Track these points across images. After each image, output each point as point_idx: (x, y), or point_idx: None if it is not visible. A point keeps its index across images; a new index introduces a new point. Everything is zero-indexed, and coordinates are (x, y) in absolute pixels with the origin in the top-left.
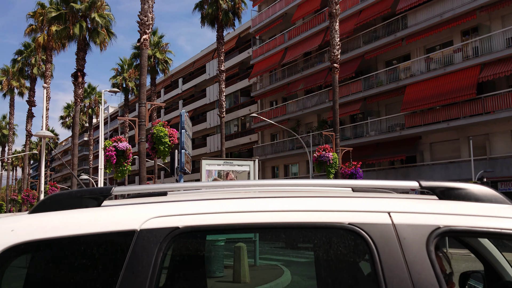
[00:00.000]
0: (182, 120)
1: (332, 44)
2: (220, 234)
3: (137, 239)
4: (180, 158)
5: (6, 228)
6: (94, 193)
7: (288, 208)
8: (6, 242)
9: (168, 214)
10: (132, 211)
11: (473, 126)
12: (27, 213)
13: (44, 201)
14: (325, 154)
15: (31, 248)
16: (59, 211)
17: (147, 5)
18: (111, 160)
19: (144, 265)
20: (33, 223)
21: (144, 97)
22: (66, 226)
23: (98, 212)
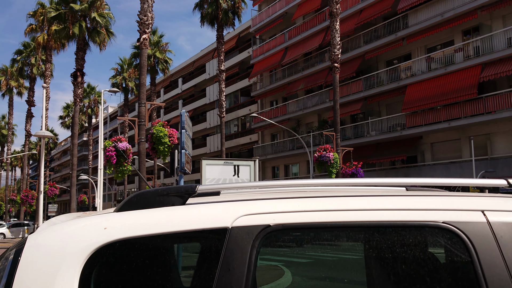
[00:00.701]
0: (182, 120)
1: (333, 43)
2: (310, 232)
3: (230, 236)
4: (180, 158)
5: (99, 226)
6: (180, 191)
7: (379, 207)
8: (100, 240)
9: (258, 212)
10: (222, 209)
11: (474, 126)
12: (112, 211)
13: (130, 199)
14: (326, 154)
15: (125, 246)
16: (147, 209)
17: (146, 5)
18: (111, 160)
19: (239, 262)
20: (124, 221)
21: (144, 97)
22: (158, 224)
23: (187, 210)
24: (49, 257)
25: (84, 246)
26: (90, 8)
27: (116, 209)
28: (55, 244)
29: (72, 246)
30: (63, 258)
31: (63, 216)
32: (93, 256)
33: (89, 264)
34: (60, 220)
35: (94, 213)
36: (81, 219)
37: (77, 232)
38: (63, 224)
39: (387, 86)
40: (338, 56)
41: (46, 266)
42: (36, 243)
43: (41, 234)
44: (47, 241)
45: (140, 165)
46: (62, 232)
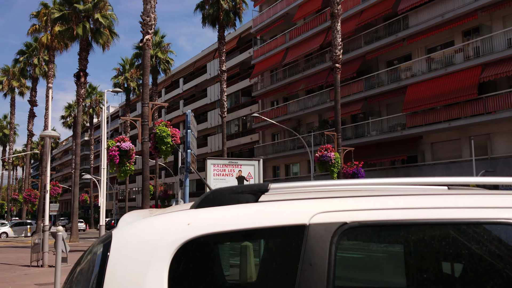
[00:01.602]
0: (188, 120)
1: (334, 44)
2: (385, 230)
3: (309, 233)
4: (186, 158)
5: (182, 222)
6: (253, 189)
7: (454, 205)
8: (186, 235)
9: (334, 209)
10: (299, 206)
11: (474, 126)
12: (188, 208)
13: (207, 197)
14: (327, 154)
15: (209, 241)
16: (224, 206)
17: (149, 6)
18: (114, 160)
19: (320, 257)
20: (206, 218)
21: (147, 97)
22: (238, 220)
23: (264, 207)
24: (138, 252)
25: (171, 241)
26: (93, 9)
27: (194, 206)
28: (142, 240)
29: (159, 242)
30: (152, 253)
31: (131, 213)
32: (180, 251)
33: (176, 258)
34: (132, 217)
35: (165, 210)
36: (163, 216)
37: (163, 228)
38: (146, 221)
39: (388, 86)
40: (339, 57)
41: (136, 261)
42: (123, 239)
43: (126, 230)
44: (134, 237)
45: (144, 165)
46: (148, 228)
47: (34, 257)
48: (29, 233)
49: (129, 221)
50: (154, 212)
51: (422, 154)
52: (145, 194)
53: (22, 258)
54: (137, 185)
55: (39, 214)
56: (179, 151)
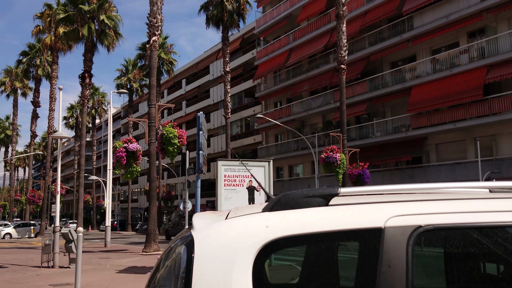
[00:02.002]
0: (200, 121)
1: (339, 45)
2: (459, 232)
3: (386, 235)
4: (198, 159)
5: (261, 225)
6: (324, 193)
7: None
8: (266, 237)
9: (408, 213)
10: (373, 210)
11: (480, 127)
12: (260, 210)
13: (280, 200)
14: (333, 155)
15: (288, 243)
16: (297, 209)
17: (156, 7)
18: (121, 161)
19: (398, 259)
20: (283, 220)
21: (154, 98)
22: (315, 223)
23: (339, 210)
24: (222, 254)
25: (253, 243)
26: (98, 10)
27: (266, 209)
28: (225, 241)
29: (242, 243)
30: (236, 254)
31: (201, 215)
32: (261, 252)
33: (258, 259)
34: (205, 219)
35: (235, 211)
36: (242, 218)
37: (244, 230)
38: (226, 223)
39: (392, 87)
40: (344, 58)
41: (221, 262)
42: (206, 240)
43: (208, 232)
44: (217, 238)
45: (151, 166)
46: (229, 230)
47: (44, 258)
48: (32, 234)
49: (205, 223)
50: (221, 214)
51: (427, 155)
52: (152, 195)
53: (31, 259)
54: (139, 186)
55: (43, 215)
56: (187, 152)
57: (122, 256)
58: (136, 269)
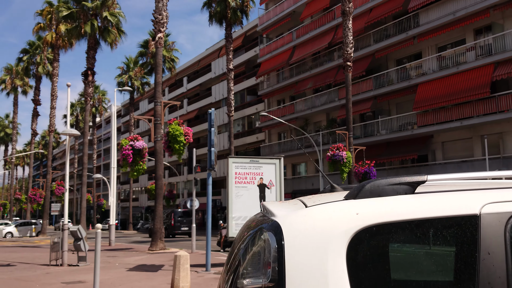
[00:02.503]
0: (212, 119)
1: (345, 42)
2: None
3: (483, 222)
4: (210, 156)
5: (351, 212)
6: (411, 181)
7: None
8: (358, 224)
9: (503, 200)
10: (467, 197)
11: (486, 125)
12: (342, 198)
13: (364, 188)
14: (339, 153)
15: (380, 231)
16: (385, 197)
17: (161, 3)
18: (127, 159)
19: (497, 246)
20: (373, 207)
21: (160, 95)
22: (406, 210)
23: (428, 198)
24: (313, 240)
25: (345, 230)
26: (101, 7)
27: (351, 196)
28: (316, 228)
29: (334, 230)
30: (328, 241)
31: (275, 203)
32: (354, 239)
33: (351, 247)
34: (285, 207)
35: (311, 199)
36: (330, 205)
37: (334, 217)
38: (313, 210)
39: (398, 85)
40: (350, 55)
41: (314, 249)
42: (294, 227)
43: (295, 219)
44: (306, 225)
45: (157, 163)
46: (318, 217)
47: (53, 256)
48: (34, 233)
49: (286, 210)
50: (294, 202)
51: (432, 153)
52: (158, 194)
53: (38, 258)
54: (140, 184)
55: (45, 213)
56: (194, 150)
57: (128, 254)
58: (146, 267)
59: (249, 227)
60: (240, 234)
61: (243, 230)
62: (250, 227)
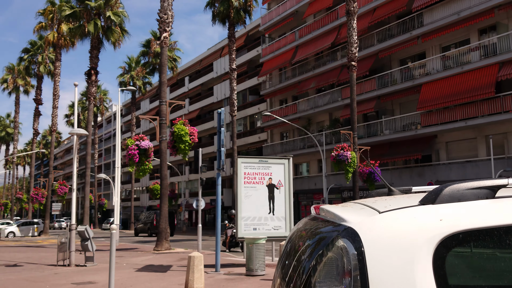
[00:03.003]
0: (222, 118)
1: (350, 42)
2: None
3: None
4: (220, 156)
5: (432, 218)
6: (492, 185)
7: None
8: (441, 232)
9: None
10: None
11: (491, 125)
12: (417, 203)
13: (442, 192)
14: (344, 153)
15: (465, 238)
16: (467, 202)
17: (166, 3)
18: (133, 158)
19: None
20: (455, 213)
21: (165, 95)
22: (493, 216)
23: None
24: (397, 248)
25: (430, 237)
26: (105, 6)
27: (428, 201)
28: (398, 234)
29: (419, 237)
30: (413, 248)
31: (340, 207)
32: (439, 247)
33: (437, 255)
34: (355, 212)
35: (382, 203)
36: (406, 211)
37: (417, 223)
38: (389, 215)
39: (402, 85)
40: (355, 55)
41: (398, 257)
42: (375, 233)
43: (371, 224)
44: (386, 231)
45: (162, 163)
46: (397, 223)
47: (60, 256)
48: (36, 232)
49: (358, 216)
50: (361, 207)
51: (436, 153)
52: (163, 193)
53: (44, 258)
54: (141, 184)
55: (47, 213)
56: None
57: (134, 254)
58: (154, 267)
59: (311, 233)
60: (296, 240)
61: (300, 235)
62: (312, 233)
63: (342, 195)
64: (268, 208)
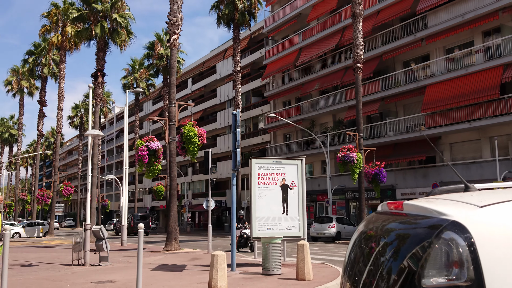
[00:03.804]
0: (238, 119)
1: (355, 44)
2: None
3: None
4: (236, 157)
5: None
6: None
7: None
8: None
9: None
10: None
11: (495, 127)
12: (486, 201)
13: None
14: (349, 154)
15: None
16: None
17: (176, 6)
18: (143, 159)
19: None
20: None
21: (174, 97)
22: None
23: None
24: (509, 240)
25: None
26: (111, 9)
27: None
28: (508, 227)
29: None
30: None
31: (431, 200)
32: None
33: None
34: (455, 205)
35: (477, 197)
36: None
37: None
38: (494, 208)
39: (406, 86)
40: (361, 57)
41: (510, 248)
42: (483, 226)
43: (477, 218)
44: (494, 224)
45: (171, 164)
46: (506, 215)
47: (75, 256)
48: (41, 233)
49: (459, 210)
50: (454, 202)
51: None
52: (172, 194)
53: (57, 257)
54: (144, 185)
55: (52, 214)
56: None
57: (144, 254)
58: (168, 267)
59: (400, 228)
60: (375, 237)
61: (382, 231)
62: (402, 228)
63: (346, 196)
64: (282, 208)
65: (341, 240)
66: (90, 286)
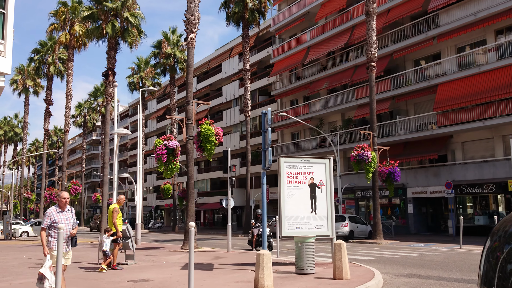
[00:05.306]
0: (269, 118)
1: (369, 42)
2: None
3: None
4: (266, 156)
5: None
6: None
7: None
8: None
9: None
10: None
11: (509, 125)
12: None
13: None
14: (364, 153)
15: None
16: None
17: (193, 4)
18: (162, 158)
19: None
20: None
21: (191, 96)
22: None
23: None
24: None
25: None
26: (122, 8)
27: None
28: None
29: None
30: None
31: None
32: None
33: None
34: None
35: None
36: None
37: None
38: None
39: (417, 85)
40: (374, 55)
41: None
42: None
43: None
44: None
45: (189, 163)
46: None
47: (101, 255)
48: None
49: None
50: None
51: (452, 153)
52: (190, 193)
53: (81, 256)
54: (148, 184)
55: None
56: (229, 150)
57: (164, 253)
58: (196, 266)
59: None
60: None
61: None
62: None
63: (355, 194)
64: (310, 207)
65: (354, 239)
66: (127, 285)
